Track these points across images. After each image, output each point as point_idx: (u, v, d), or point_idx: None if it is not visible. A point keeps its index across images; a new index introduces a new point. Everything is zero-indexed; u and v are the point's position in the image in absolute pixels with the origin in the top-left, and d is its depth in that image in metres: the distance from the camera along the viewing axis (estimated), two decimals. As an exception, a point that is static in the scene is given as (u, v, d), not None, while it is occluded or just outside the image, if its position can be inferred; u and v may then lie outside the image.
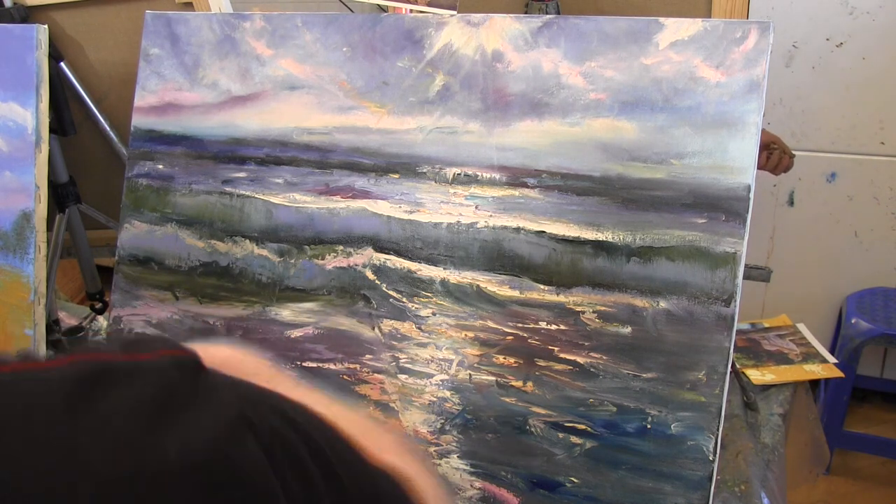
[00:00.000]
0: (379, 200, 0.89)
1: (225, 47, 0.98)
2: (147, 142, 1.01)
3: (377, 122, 0.89)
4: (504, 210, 0.83)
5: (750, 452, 1.15)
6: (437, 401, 0.85)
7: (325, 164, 0.92)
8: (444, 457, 0.84)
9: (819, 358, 1.38)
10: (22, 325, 1.05)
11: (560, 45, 0.82)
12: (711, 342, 0.74)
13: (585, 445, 0.78)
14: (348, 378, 0.89)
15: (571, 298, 0.80)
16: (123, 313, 1.01)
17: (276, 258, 0.93)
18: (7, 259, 1.06)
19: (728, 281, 0.74)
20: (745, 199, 0.74)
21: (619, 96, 0.79)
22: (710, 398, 0.74)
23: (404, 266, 0.87)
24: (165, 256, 1.00)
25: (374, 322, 0.88)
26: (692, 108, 0.76)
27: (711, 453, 0.74)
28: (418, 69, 0.88)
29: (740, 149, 0.74)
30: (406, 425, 0.86)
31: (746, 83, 0.74)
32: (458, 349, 0.84)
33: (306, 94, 0.93)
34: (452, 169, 0.86)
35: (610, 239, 0.78)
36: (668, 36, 0.77)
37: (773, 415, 1.24)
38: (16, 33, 1.08)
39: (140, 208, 1.01)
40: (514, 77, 0.83)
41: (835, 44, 2.10)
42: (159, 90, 1.01)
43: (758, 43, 0.74)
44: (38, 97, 1.06)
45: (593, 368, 0.78)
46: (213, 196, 0.97)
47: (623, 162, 0.78)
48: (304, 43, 0.94)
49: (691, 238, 0.75)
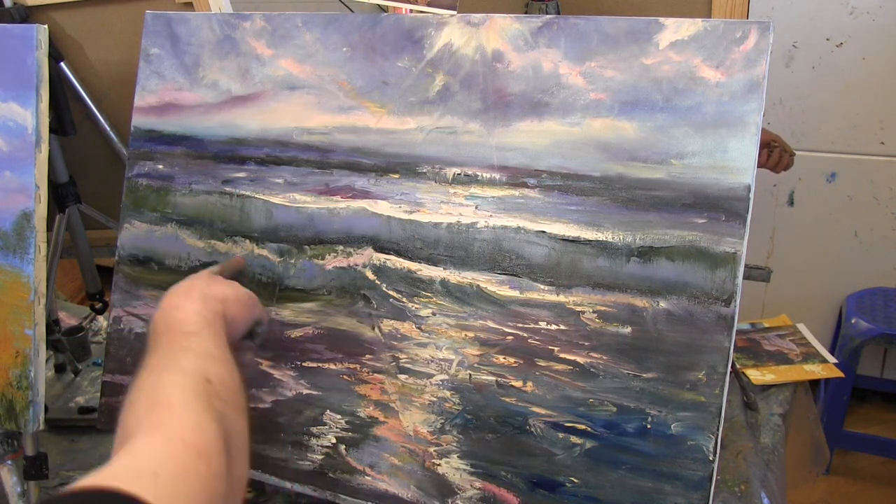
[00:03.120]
0: (379, 200, 0.89)
1: (225, 47, 0.98)
2: (147, 142, 1.01)
3: (377, 122, 0.89)
4: (504, 210, 0.83)
5: (750, 452, 1.15)
6: (437, 401, 0.85)
7: (325, 164, 0.92)
8: (444, 457, 0.84)
9: (819, 358, 1.38)
10: (22, 325, 1.05)
11: (560, 45, 0.82)
12: (711, 342, 0.74)
13: (585, 445, 0.78)
14: (348, 378, 0.89)
15: (571, 298, 0.80)
16: (123, 313, 1.01)
17: (275, 258, 0.93)
18: (7, 259, 1.06)
19: (728, 281, 0.74)
20: (745, 199, 0.74)
21: (619, 96, 0.79)
22: (710, 398, 0.74)
23: (404, 266, 0.87)
24: (165, 256, 1.00)
25: (374, 322, 0.88)
26: (692, 108, 0.76)
27: (711, 453, 0.74)
28: (418, 69, 0.88)
29: (740, 149, 0.74)
30: (406, 425, 0.86)
31: (746, 83, 0.74)
32: (458, 349, 0.84)
33: (306, 94, 0.93)
34: (452, 169, 0.86)
35: (610, 239, 0.78)
36: (668, 36, 0.77)
37: (773, 415, 1.24)
38: (16, 33, 1.08)
39: (140, 208, 1.01)
40: (514, 77, 0.83)
41: (835, 44, 2.10)
42: (159, 90, 1.01)
43: (758, 43, 0.74)
44: (38, 97, 1.06)
45: (593, 368, 0.78)
46: (213, 196, 0.97)
47: (623, 162, 0.78)
48: (304, 43, 0.94)
49: (691, 238, 0.75)
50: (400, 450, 0.86)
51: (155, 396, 0.60)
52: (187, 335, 0.70)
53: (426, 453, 0.84)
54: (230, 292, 0.80)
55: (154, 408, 0.58)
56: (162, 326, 0.72)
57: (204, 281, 0.80)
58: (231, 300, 0.79)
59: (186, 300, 0.75)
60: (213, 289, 0.78)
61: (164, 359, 0.67)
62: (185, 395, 0.59)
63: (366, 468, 0.87)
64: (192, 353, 0.67)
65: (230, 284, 0.82)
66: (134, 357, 1.00)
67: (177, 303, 0.75)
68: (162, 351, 0.69)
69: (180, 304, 0.74)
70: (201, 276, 0.82)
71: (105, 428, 1.01)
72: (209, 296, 0.76)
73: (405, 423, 0.86)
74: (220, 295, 0.78)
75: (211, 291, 0.78)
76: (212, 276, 0.83)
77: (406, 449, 0.85)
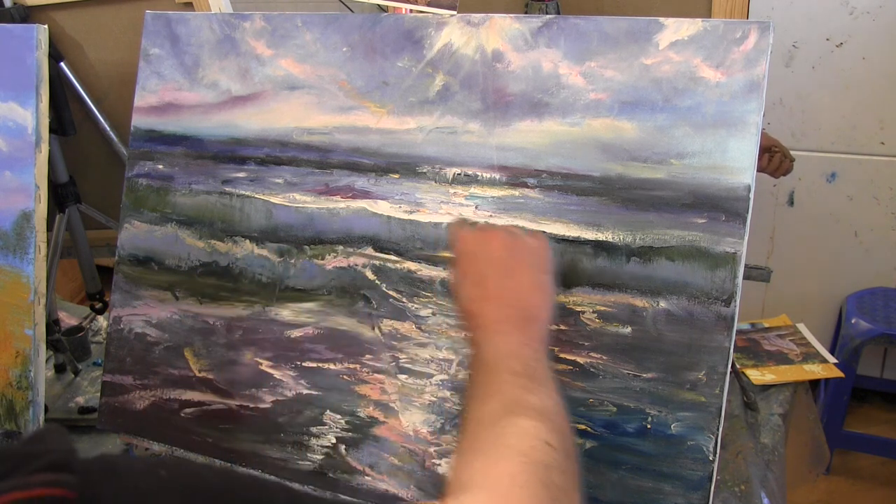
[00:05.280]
0: (379, 200, 0.89)
1: (225, 47, 0.98)
2: (147, 142, 1.01)
3: (377, 122, 0.89)
4: (504, 210, 0.83)
5: (750, 452, 1.15)
6: (437, 401, 0.85)
7: (325, 164, 0.92)
8: (445, 457, 0.84)
9: (819, 358, 1.38)
10: (22, 325, 1.05)
11: (560, 45, 0.82)
12: (711, 342, 0.74)
13: (585, 445, 0.78)
14: (348, 378, 0.89)
15: (571, 298, 0.80)
16: (123, 313, 1.01)
17: (276, 258, 0.93)
18: (7, 259, 1.06)
19: (728, 281, 0.74)
20: (745, 199, 0.74)
21: (619, 96, 0.79)
22: (710, 398, 0.74)
23: (404, 266, 0.87)
24: (165, 256, 1.00)
25: (374, 322, 0.88)
26: (692, 108, 0.76)
27: (711, 453, 0.74)
28: (418, 69, 0.88)
29: (740, 149, 0.74)
30: (406, 425, 0.86)
31: (746, 83, 0.74)
32: (459, 349, 0.84)
33: (306, 94, 0.93)
34: (452, 169, 0.86)
35: (610, 239, 0.78)
36: (668, 36, 0.77)
37: (773, 415, 1.24)
38: (16, 33, 1.08)
39: (140, 208, 1.01)
40: (514, 77, 0.83)
41: (835, 44, 2.10)
42: (159, 90, 1.01)
43: (758, 43, 0.74)
44: (38, 97, 1.06)
45: (593, 368, 0.78)
46: (213, 196, 0.97)
47: (623, 162, 0.78)
48: (304, 43, 0.94)
49: (691, 238, 0.75)
50: (400, 450, 0.86)
51: (493, 458, 0.54)
52: (532, 379, 0.61)
53: (426, 453, 0.84)
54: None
55: (489, 474, 0.53)
56: (510, 345, 0.63)
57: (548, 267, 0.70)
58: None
59: (544, 297, 0.68)
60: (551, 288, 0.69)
61: (506, 402, 0.59)
62: (524, 475, 0.53)
63: (366, 468, 0.87)
64: (535, 414, 0.58)
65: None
66: (134, 357, 1.00)
67: (538, 302, 0.67)
68: (506, 389, 0.60)
69: (541, 303, 0.67)
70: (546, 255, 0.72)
71: (105, 428, 1.01)
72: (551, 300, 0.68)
73: (405, 423, 0.86)
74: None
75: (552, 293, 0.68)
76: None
77: (406, 449, 0.85)
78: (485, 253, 0.72)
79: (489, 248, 0.72)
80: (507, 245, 0.72)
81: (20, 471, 0.34)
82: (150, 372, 0.99)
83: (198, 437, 0.95)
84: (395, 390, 0.86)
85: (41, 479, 0.34)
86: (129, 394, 1.00)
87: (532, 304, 0.69)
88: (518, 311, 0.68)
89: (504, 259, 0.71)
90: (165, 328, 0.98)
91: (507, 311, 0.68)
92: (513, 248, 0.71)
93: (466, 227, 0.75)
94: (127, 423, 1.00)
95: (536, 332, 0.67)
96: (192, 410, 0.96)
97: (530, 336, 0.66)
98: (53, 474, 0.34)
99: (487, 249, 0.72)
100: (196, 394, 0.96)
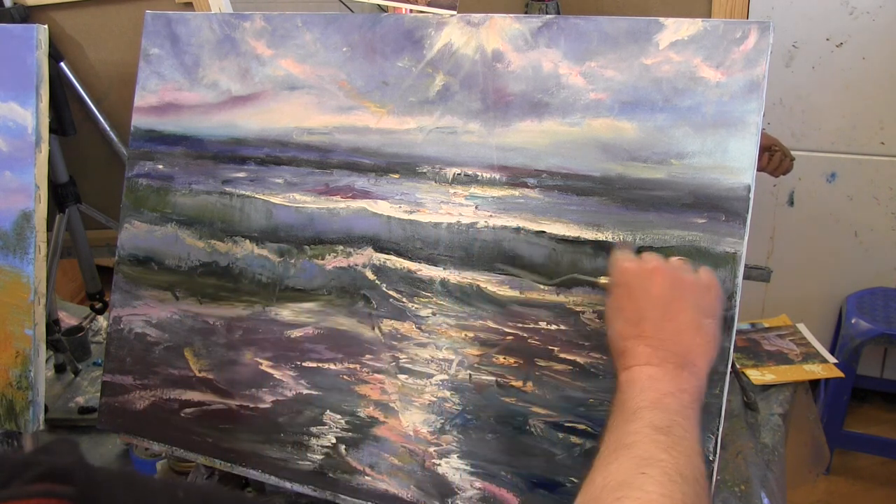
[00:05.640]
0: (379, 200, 0.89)
1: (225, 47, 0.98)
2: (147, 142, 1.01)
3: (377, 122, 0.89)
4: (504, 210, 0.83)
5: (750, 452, 1.15)
6: (437, 401, 0.85)
7: (325, 164, 0.92)
8: (444, 457, 0.84)
9: (819, 358, 1.38)
10: (22, 325, 1.05)
11: (560, 45, 0.82)
12: (711, 342, 0.74)
13: (585, 445, 0.78)
14: (348, 378, 0.89)
15: (571, 298, 0.80)
16: (123, 313, 1.01)
17: (276, 258, 0.93)
18: (7, 259, 1.06)
19: (728, 281, 0.74)
20: (745, 199, 0.74)
21: (619, 96, 0.79)
22: (710, 398, 0.74)
23: (404, 266, 0.87)
24: (165, 256, 1.00)
25: (374, 322, 0.88)
26: (692, 108, 0.76)
27: (711, 453, 0.73)
28: (418, 69, 0.88)
29: (740, 149, 0.74)
30: (406, 425, 0.86)
31: (746, 83, 0.74)
32: (458, 349, 0.84)
33: (306, 94, 0.93)
34: (452, 169, 0.86)
35: (610, 239, 0.78)
36: (668, 36, 0.77)
37: (773, 415, 1.24)
38: (16, 33, 1.08)
39: (140, 208, 1.01)
40: (514, 77, 0.83)
41: (835, 44, 2.10)
42: (159, 90, 1.01)
43: (758, 43, 0.74)
44: (38, 97, 1.06)
45: (593, 368, 0.78)
46: (213, 196, 0.97)
47: (623, 162, 0.78)
48: (304, 43, 0.94)
49: (691, 238, 0.75)
50: (400, 450, 0.86)
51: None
52: (671, 435, 0.56)
53: (426, 453, 0.84)
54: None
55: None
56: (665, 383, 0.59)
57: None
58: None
59: (705, 343, 0.63)
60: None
61: (638, 459, 0.54)
62: None
63: (366, 468, 0.87)
64: (665, 479, 0.52)
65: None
66: (134, 357, 1.00)
67: (697, 348, 0.62)
68: (640, 443, 0.56)
69: (700, 350, 0.62)
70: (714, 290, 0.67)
71: (105, 428, 1.01)
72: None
73: (405, 423, 0.86)
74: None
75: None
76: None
77: (406, 449, 0.85)
78: (644, 288, 0.67)
79: (650, 283, 0.66)
80: (671, 282, 0.66)
81: (19, 479, 0.34)
82: (150, 372, 0.99)
83: (198, 437, 0.95)
84: (395, 390, 0.86)
85: (39, 488, 0.33)
86: (129, 394, 1.00)
87: (690, 349, 0.64)
88: (672, 355, 0.63)
89: (665, 297, 0.65)
90: (165, 328, 0.98)
91: (661, 354, 0.63)
92: (676, 286, 0.66)
93: (628, 257, 0.70)
94: (127, 423, 1.00)
95: (689, 382, 0.62)
96: (192, 410, 0.96)
97: (680, 386, 0.61)
98: (52, 484, 0.34)
99: (648, 284, 0.66)
100: (196, 394, 0.96)
